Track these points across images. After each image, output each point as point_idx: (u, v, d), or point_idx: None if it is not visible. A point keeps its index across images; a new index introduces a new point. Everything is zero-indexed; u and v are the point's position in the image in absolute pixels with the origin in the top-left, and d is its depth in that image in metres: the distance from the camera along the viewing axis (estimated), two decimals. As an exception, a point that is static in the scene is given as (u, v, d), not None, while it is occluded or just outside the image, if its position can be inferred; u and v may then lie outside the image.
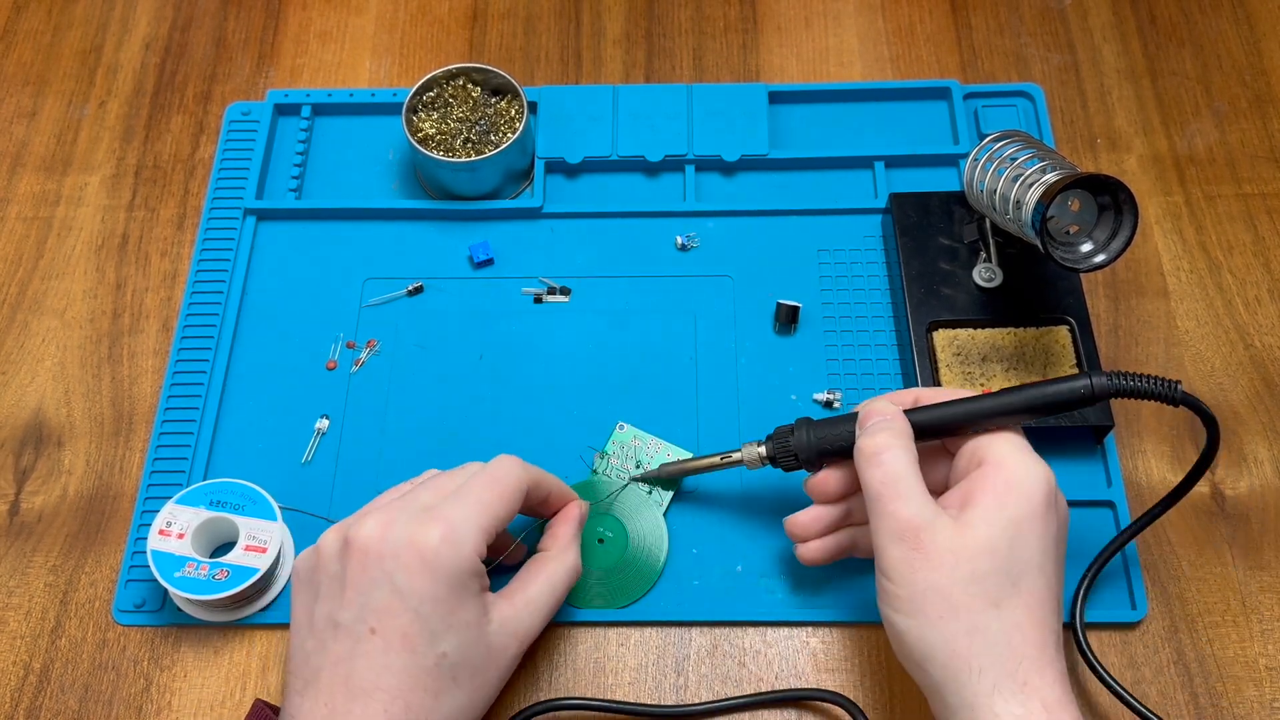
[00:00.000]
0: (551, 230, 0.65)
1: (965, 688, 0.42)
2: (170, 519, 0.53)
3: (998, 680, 0.42)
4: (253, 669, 0.53)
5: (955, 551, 0.44)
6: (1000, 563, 0.44)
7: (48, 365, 0.62)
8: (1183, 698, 0.52)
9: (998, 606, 0.43)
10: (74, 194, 0.68)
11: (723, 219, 0.65)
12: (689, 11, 0.74)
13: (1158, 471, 0.58)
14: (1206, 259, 0.64)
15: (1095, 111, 0.69)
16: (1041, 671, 0.43)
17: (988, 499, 0.45)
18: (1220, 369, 0.60)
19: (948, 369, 0.57)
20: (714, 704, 0.51)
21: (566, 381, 0.60)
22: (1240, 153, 0.67)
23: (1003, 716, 0.41)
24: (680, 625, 0.54)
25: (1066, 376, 0.47)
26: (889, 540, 0.45)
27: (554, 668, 0.53)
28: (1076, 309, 0.58)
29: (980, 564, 0.43)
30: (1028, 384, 0.47)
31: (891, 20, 0.73)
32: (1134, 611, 0.53)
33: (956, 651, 0.43)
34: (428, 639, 0.45)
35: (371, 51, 0.73)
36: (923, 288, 0.59)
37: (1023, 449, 0.46)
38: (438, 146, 0.63)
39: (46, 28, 0.74)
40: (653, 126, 0.67)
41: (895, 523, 0.45)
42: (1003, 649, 0.43)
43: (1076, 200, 0.52)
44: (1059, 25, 0.72)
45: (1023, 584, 0.44)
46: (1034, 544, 0.44)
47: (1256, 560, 0.55)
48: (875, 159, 0.66)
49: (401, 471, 0.57)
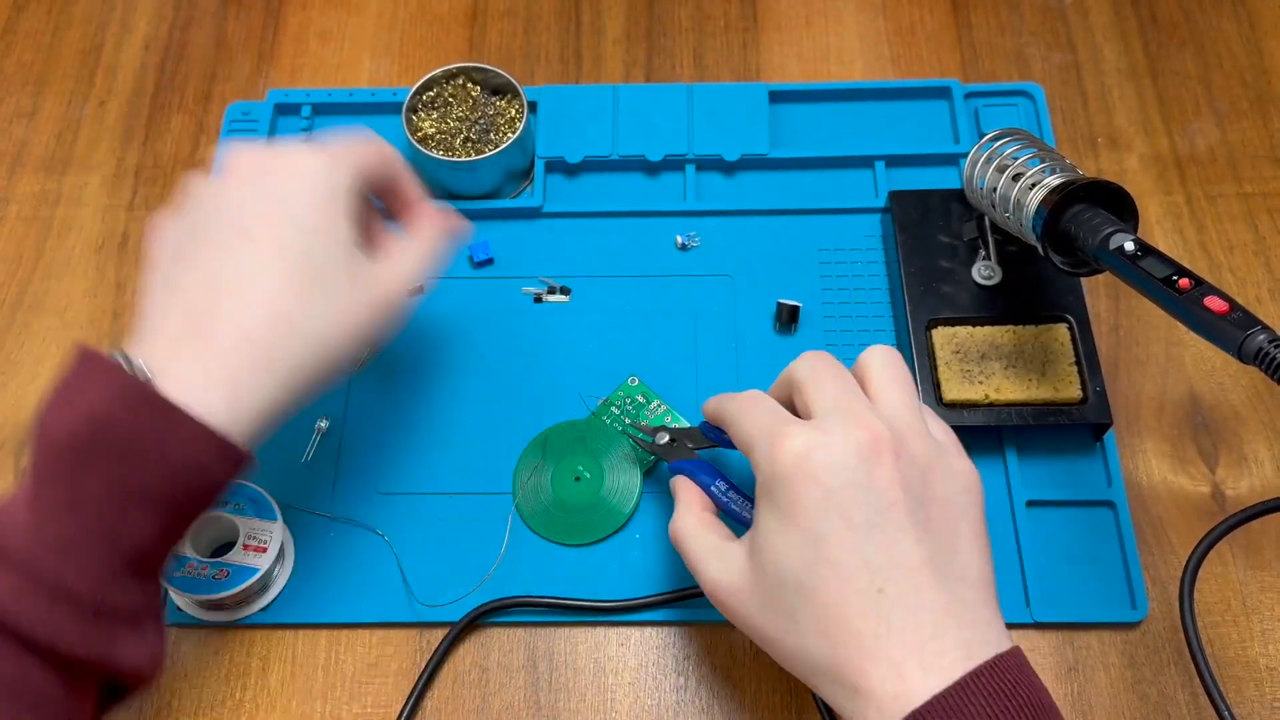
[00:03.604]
0: (551, 230, 0.65)
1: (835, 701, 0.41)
2: (170, 519, 0.53)
3: (833, 691, 0.40)
4: (253, 669, 0.53)
5: (739, 592, 0.43)
6: (771, 578, 0.41)
7: (48, 365, 0.62)
8: (1183, 698, 0.52)
9: (795, 621, 0.41)
10: (74, 194, 0.68)
11: (723, 219, 0.65)
12: (689, 10, 0.74)
13: (1158, 471, 0.58)
14: (1207, 258, 0.64)
15: (1096, 111, 0.69)
16: (866, 665, 0.39)
17: (758, 501, 0.43)
18: (1221, 369, 0.60)
19: (946, 367, 0.57)
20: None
21: (566, 381, 0.60)
22: (1241, 152, 0.67)
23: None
24: (680, 625, 0.54)
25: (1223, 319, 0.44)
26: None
27: (554, 668, 0.53)
28: (1076, 307, 0.58)
29: (756, 593, 0.42)
30: None
31: (892, 19, 0.73)
32: (1134, 611, 0.53)
33: (800, 673, 0.42)
34: (298, 242, 0.45)
35: (371, 51, 0.73)
36: (922, 285, 0.59)
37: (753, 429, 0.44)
38: (437, 146, 0.63)
39: (46, 27, 0.74)
40: (653, 126, 0.67)
41: (705, 591, 0.45)
42: (821, 660, 0.40)
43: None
44: (1060, 24, 0.72)
45: (807, 585, 0.40)
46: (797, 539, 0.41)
47: (1257, 560, 0.55)
48: (876, 158, 0.66)
49: (401, 471, 0.57)
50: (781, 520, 0.41)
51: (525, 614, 0.54)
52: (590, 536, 0.55)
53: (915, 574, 0.40)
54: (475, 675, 0.53)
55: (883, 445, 0.41)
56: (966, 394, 0.56)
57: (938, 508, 0.42)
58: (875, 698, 0.38)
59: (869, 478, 0.41)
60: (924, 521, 0.41)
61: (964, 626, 0.39)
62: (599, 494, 0.56)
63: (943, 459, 0.43)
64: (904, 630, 0.39)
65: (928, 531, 0.41)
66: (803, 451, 0.41)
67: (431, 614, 0.54)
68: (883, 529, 0.40)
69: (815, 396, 0.44)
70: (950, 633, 0.39)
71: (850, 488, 0.40)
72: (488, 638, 0.54)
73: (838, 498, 0.40)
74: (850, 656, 0.39)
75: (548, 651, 0.54)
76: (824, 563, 0.40)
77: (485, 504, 0.57)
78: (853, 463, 0.41)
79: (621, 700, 0.52)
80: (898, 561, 0.40)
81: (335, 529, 0.56)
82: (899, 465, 0.41)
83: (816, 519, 0.40)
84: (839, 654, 0.40)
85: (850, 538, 0.40)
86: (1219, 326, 0.44)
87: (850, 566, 0.40)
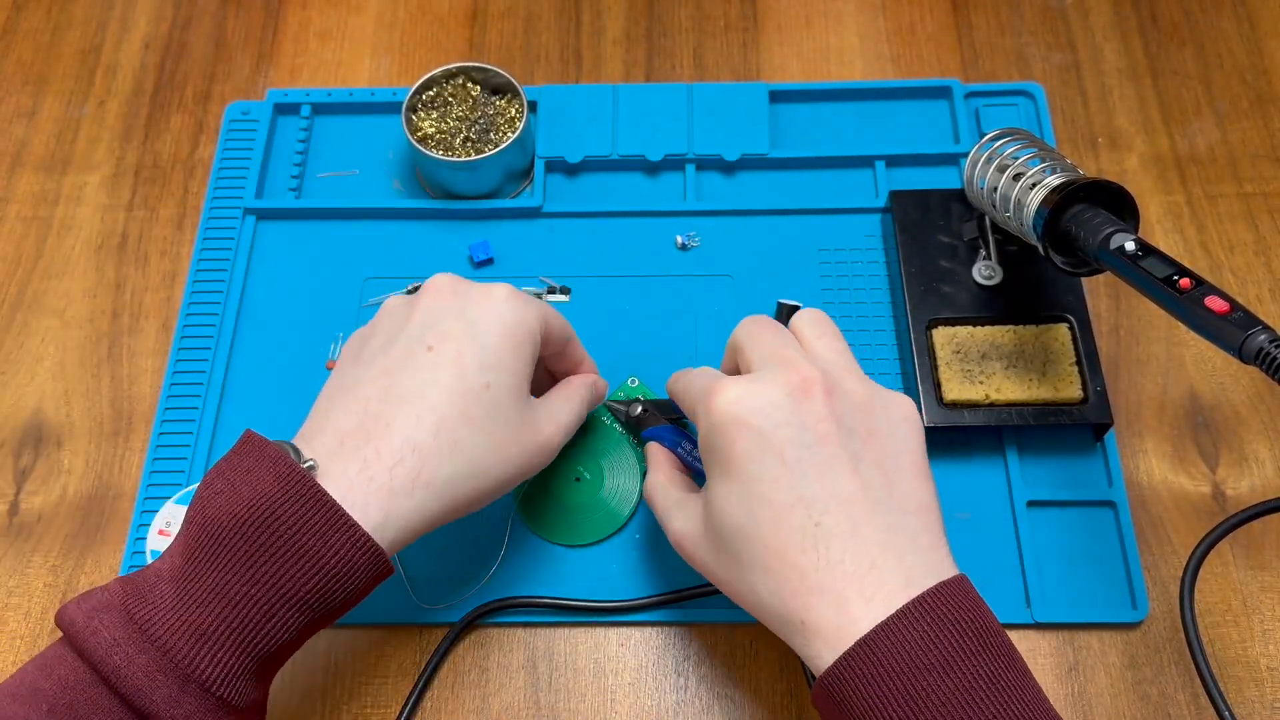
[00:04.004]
0: (551, 230, 0.65)
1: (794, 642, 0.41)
2: (170, 519, 0.53)
3: (788, 632, 0.41)
4: (252, 669, 0.53)
5: (695, 542, 0.45)
6: (718, 525, 0.43)
7: (47, 365, 0.62)
8: (1183, 698, 0.52)
9: (741, 564, 0.42)
10: (73, 193, 0.68)
11: (723, 218, 0.65)
12: (689, 10, 0.74)
13: (1159, 471, 0.57)
14: (1208, 258, 0.64)
15: (1096, 111, 0.69)
16: (809, 599, 0.40)
17: (704, 457, 0.45)
18: (1221, 368, 0.60)
19: (946, 366, 0.57)
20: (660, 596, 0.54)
21: (566, 381, 0.60)
22: (1241, 152, 0.67)
23: (809, 660, 0.40)
24: (680, 625, 0.54)
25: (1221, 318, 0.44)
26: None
27: (554, 668, 0.53)
28: (1076, 307, 0.58)
29: (709, 541, 0.44)
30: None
31: (892, 19, 0.73)
32: (1134, 611, 0.53)
33: (762, 619, 0.42)
34: (479, 366, 0.45)
35: (371, 51, 0.73)
36: (922, 285, 0.59)
37: (693, 392, 0.47)
38: (437, 146, 0.63)
39: (46, 27, 0.74)
40: (653, 126, 0.66)
41: (671, 542, 0.47)
42: (770, 600, 0.41)
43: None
44: (1060, 24, 0.72)
45: (748, 528, 0.41)
46: (736, 486, 0.42)
47: (1257, 560, 0.55)
48: (876, 158, 0.66)
49: (401, 471, 0.57)
50: (723, 470, 0.42)
51: (525, 614, 0.54)
52: (590, 537, 0.55)
53: (851, 504, 0.40)
54: (475, 675, 0.53)
55: (813, 384, 0.42)
56: (967, 394, 0.56)
57: (875, 440, 0.42)
58: (821, 631, 0.39)
59: (798, 415, 0.41)
60: (859, 453, 0.42)
61: (904, 554, 0.40)
62: (599, 495, 0.56)
63: (878, 394, 0.44)
64: (842, 562, 0.39)
65: (863, 462, 0.41)
66: (734, 399, 0.42)
67: (431, 614, 0.54)
68: (815, 464, 0.41)
69: (751, 353, 0.45)
70: (890, 561, 0.39)
71: (782, 427, 0.41)
72: (488, 638, 0.54)
73: (770, 438, 0.41)
74: (795, 590, 0.40)
75: (548, 652, 0.54)
76: (761, 503, 0.41)
77: (485, 504, 0.57)
78: (783, 403, 0.42)
79: (621, 700, 0.52)
80: (833, 493, 0.40)
81: (335, 529, 0.56)
82: (830, 402, 0.42)
83: (751, 462, 0.41)
84: (784, 590, 0.40)
85: (785, 475, 0.41)
86: (1219, 326, 0.44)
87: (785, 504, 0.40)
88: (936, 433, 0.55)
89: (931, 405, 0.56)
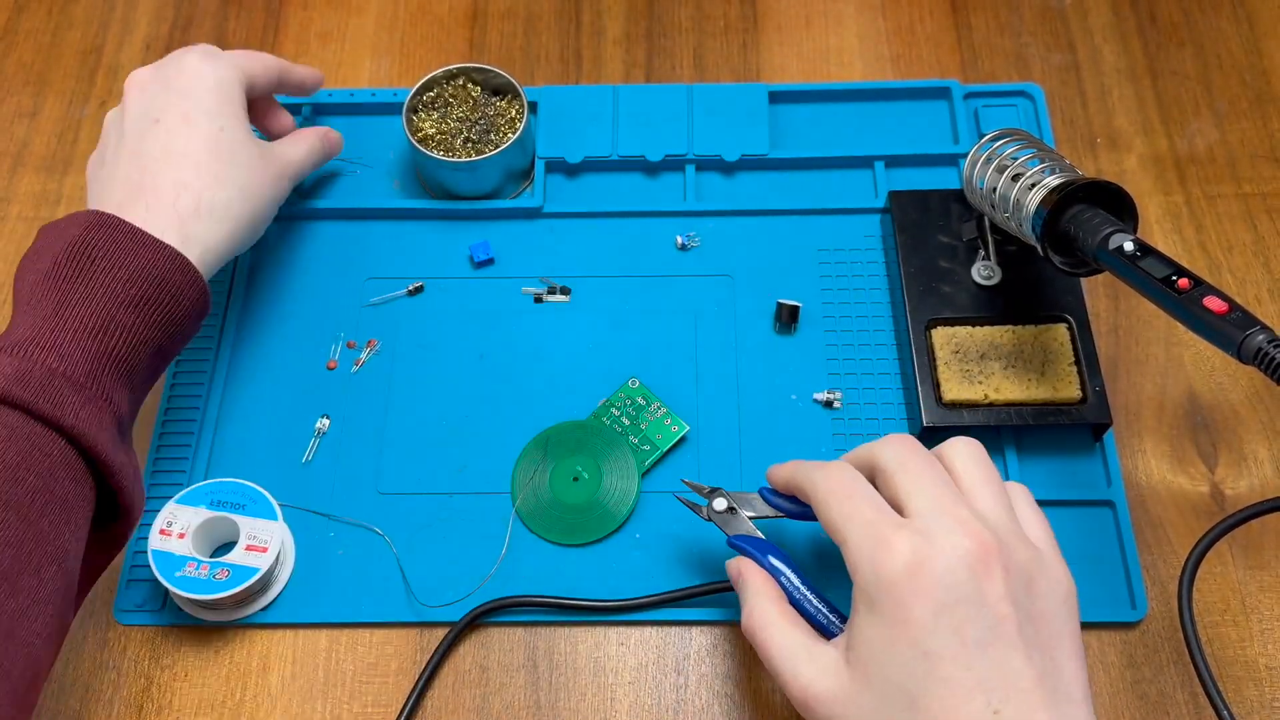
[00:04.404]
0: (551, 230, 0.65)
1: None
2: (171, 519, 0.53)
3: None
4: (253, 669, 0.53)
5: (839, 702, 0.41)
6: (878, 690, 0.40)
7: (48, 365, 0.62)
8: (1181, 697, 0.52)
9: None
10: (75, 194, 0.68)
11: (723, 219, 0.65)
12: (689, 11, 0.74)
13: (1157, 471, 0.58)
14: (1207, 258, 0.64)
15: (1095, 111, 0.69)
16: None
17: (855, 605, 0.41)
18: (1220, 368, 0.60)
19: (946, 367, 0.57)
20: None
21: (566, 381, 0.60)
22: (1240, 152, 0.67)
23: None
24: (680, 625, 0.54)
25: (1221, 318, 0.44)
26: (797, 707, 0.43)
27: (554, 668, 0.53)
28: (1075, 307, 0.58)
29: (861, 703, 0.40)
30: None
31: (892, 20, 0.73)
32: (1134, 611, 0.53)
33: None
34: (206, 116, 0.53)
35: (371, 51, 0.73)
36: (921, 285, 0.59)
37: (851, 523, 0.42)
38: (438, 146, 0.64)
39: (46, 28, 0.74)
40: (653, 126, 0.67)
41: (791, 695, 0.43)
42: None
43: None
44: (1059, 25, 0.72)
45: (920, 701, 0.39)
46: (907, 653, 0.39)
47: (1256, 560, 0.55)
48: (875, 159, 0.66)
49: (402, 471, 0.58)
50: (889, 631, 0.40)
51: (525, 614, 0.54)
52: (589, 537, 0.55)
53: (1029, 695, 0.38)
54: (475, 675, 0.53)
55: (991, 556, 0.40)
56: (966, 394, 0.56)
57: (1043, 622, 0.40)
58: None
59: (980, 593, 0.39)
60: (1032, 638, 0.40)
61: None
62: (598, 494, 0.56)
63: (1043, 568, 0.42)
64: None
65: (1035, 647, 0.40)
66: (912, 562, 0.40)
67: (431, 614, 0.54)
68: (995, 646, 0.39)
69: (910, 491, 0.43)
70: None
71: (962, 604, 0.39)
72: (488, 637, 0.54)
73: (950, 614, 0.39)
74: None
75: (548, 651, 0.54)
76: (937, 680, 0.39)
77: (485, 504, 0.57)
78: (964, 576, 0.39)
79: (621, 700, 0.52)
80: (1011, 682, 0.39)
81: (335, 529, 0.56)
82: (1008, 579, 0.40)
83: (928, 634, 0.39)
84: None
85: (964, 655, 0.39)
86: (1218, 326, 0.44)
87: (965, 686, 0.38)
88: (936, 433, 0.55)
89: (930, 405, 0.56)
